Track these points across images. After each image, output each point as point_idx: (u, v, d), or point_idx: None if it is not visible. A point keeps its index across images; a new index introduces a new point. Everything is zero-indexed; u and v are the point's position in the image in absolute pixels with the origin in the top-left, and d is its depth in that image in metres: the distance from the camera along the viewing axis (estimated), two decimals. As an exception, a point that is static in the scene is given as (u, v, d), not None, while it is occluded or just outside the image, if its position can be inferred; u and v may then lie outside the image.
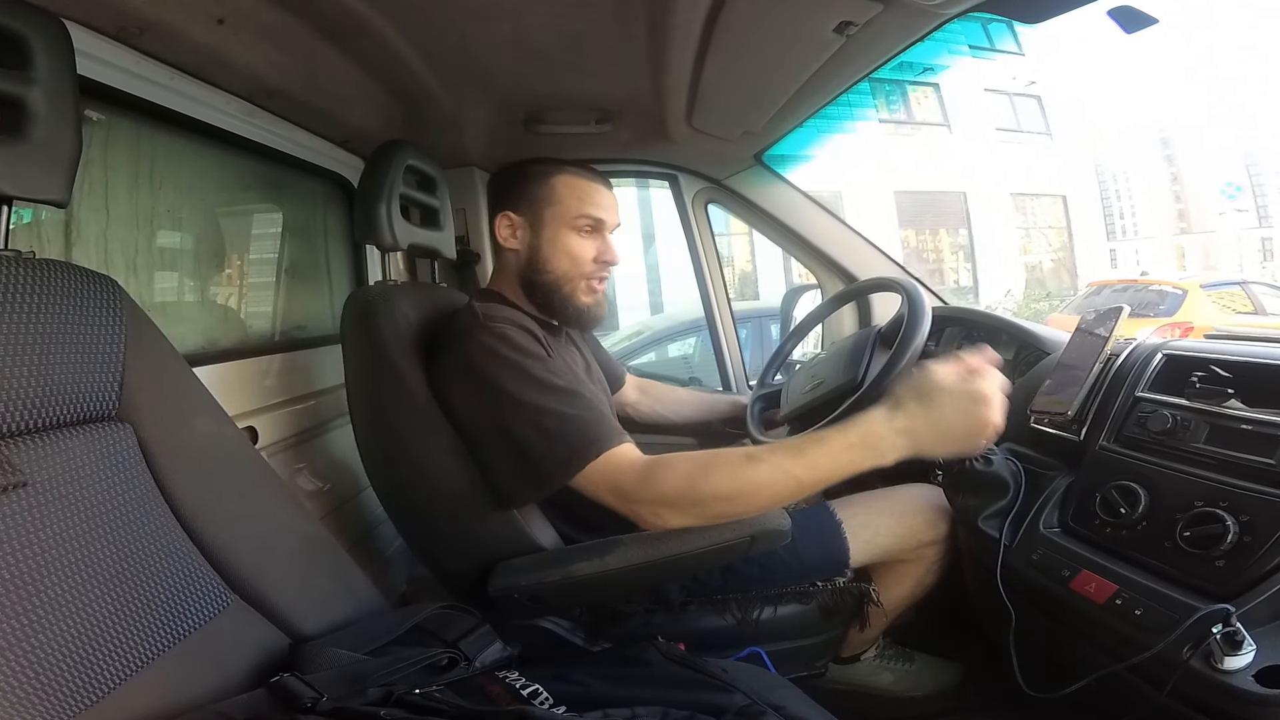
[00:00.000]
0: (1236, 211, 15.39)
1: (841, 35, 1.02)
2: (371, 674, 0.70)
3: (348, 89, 1.32)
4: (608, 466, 0.93)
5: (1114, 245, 15.54)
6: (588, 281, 1.16)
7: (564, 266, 1.14)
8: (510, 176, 1.18)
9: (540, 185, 1.14)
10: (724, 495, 0.91)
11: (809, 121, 1.58)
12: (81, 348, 0.67)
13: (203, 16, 0.96)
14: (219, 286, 1.41)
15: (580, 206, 1.14)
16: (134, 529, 0.67)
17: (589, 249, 1.15)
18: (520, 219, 1.15)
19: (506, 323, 1.02)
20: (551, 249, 1.13)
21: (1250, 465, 0.82)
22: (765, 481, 0.90)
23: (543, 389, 0.97)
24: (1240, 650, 0.69)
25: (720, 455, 0.94)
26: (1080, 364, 1.08)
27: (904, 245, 13.47)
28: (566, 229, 1.13)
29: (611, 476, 0.93)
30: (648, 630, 1.05)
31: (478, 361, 0.99)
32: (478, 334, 1.00)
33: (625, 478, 0.93)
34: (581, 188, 1.15)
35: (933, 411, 0.87)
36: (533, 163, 1.17)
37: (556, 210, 1.13)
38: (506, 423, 0.96)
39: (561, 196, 1.14)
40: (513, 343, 1.00)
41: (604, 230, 1.16)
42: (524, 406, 0.95)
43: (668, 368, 3.76)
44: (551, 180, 1.14)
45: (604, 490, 0.94)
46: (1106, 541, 0.90)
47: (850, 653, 1.29)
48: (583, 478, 0.94)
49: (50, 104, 0.65)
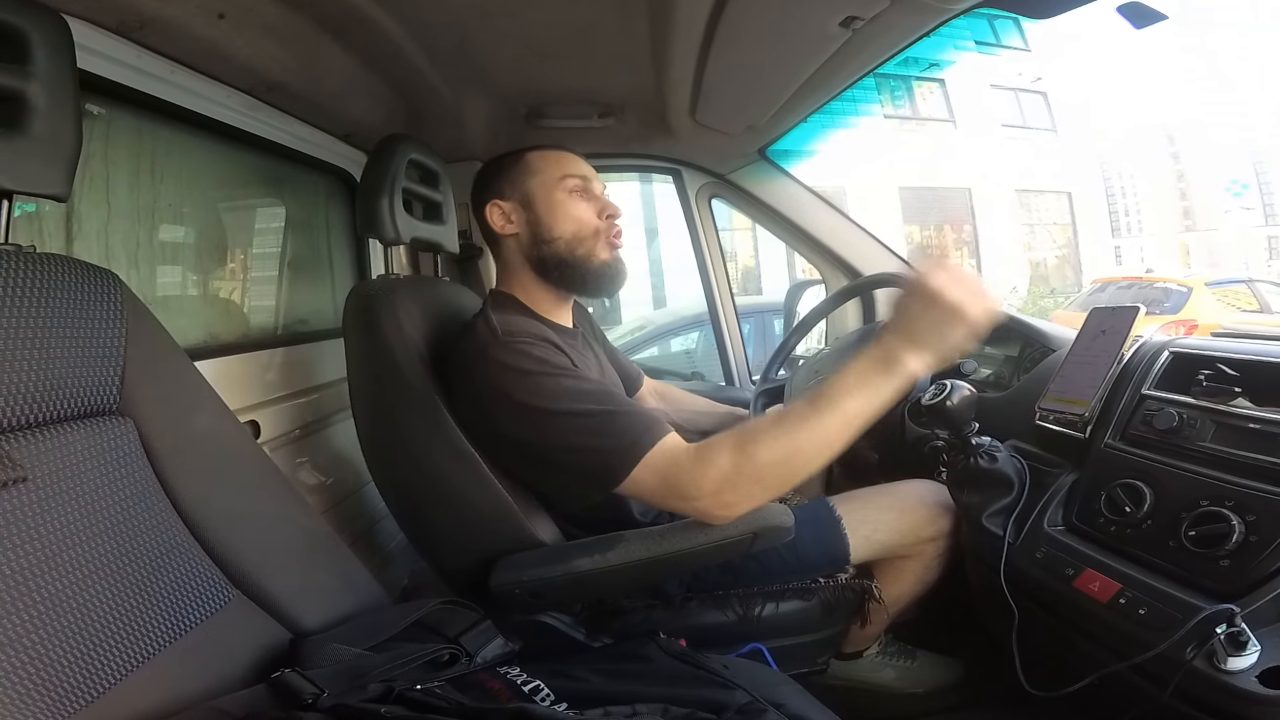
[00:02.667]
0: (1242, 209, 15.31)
1: (847, 30, 1.01)
2: (372, 670, 0.71)
3: (349, 83, 1.31)
4: (659, 461, 0.91)
5: (1119, 242, 15.47)
6: (604, 239, 1.14)
7: (570, 228, 1.12)
8: (486, 172, 1.18)
9: (516, 166, 1.15)
10: (779, 458, 0.88)
11: (813, 116, 1.58)
12: (82, 342, 0.67)
13: (203, 10, 0.95)
14: (221, 281, 1.41)
15: (560, 168, 1.13)
16: (135, 524, 0.67)
17: (588, 209, 1.13)
18: (509, 203, 1.14)
19: (524, 336, 0.99)
20: (552, 215, 1.12)
21: (1257, 464, 0.82)
22: (808, 426, 0.88)
23: (576, 396, 0.94)
24: (1244, 651, 0.68)
25: (756, 422, 0.93)
26: (1092, 362, 1.07)
27: (908, 241, 13.44)
28: (558, 193, 1.12)
29: (664, 471, 0.90)
30: (649, 626, 1.05)
31: (504, 383, 0.95)
32: (497, 353, 0.97)
33: (682, 472, 0.90)
34: (554, 156, 1.15)
35: (911, 318, 0.88)
36: (504, 154, 1.18)
37: (540, 179, 1.13)
38: (548, 438, 0.94)
39: (539, 167, 1.14)
40: (535, 357, 0.97)
41: (593, 189, 1.15)
42: (561, 417, 0.93)
43: (670, 362, 3.75)
44: (525, 157, 1.15)
45: (659, 488, 0.91)
46: (1111, 540, 0.90)
47: (852, 649, 1.29)
48: (634, 478, 0.91)
49: (50, 98, 0.65)
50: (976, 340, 0.89)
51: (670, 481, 0.90)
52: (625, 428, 0.92)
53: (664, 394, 1.59)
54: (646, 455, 0.90)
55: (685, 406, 1.60)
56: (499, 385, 0.95)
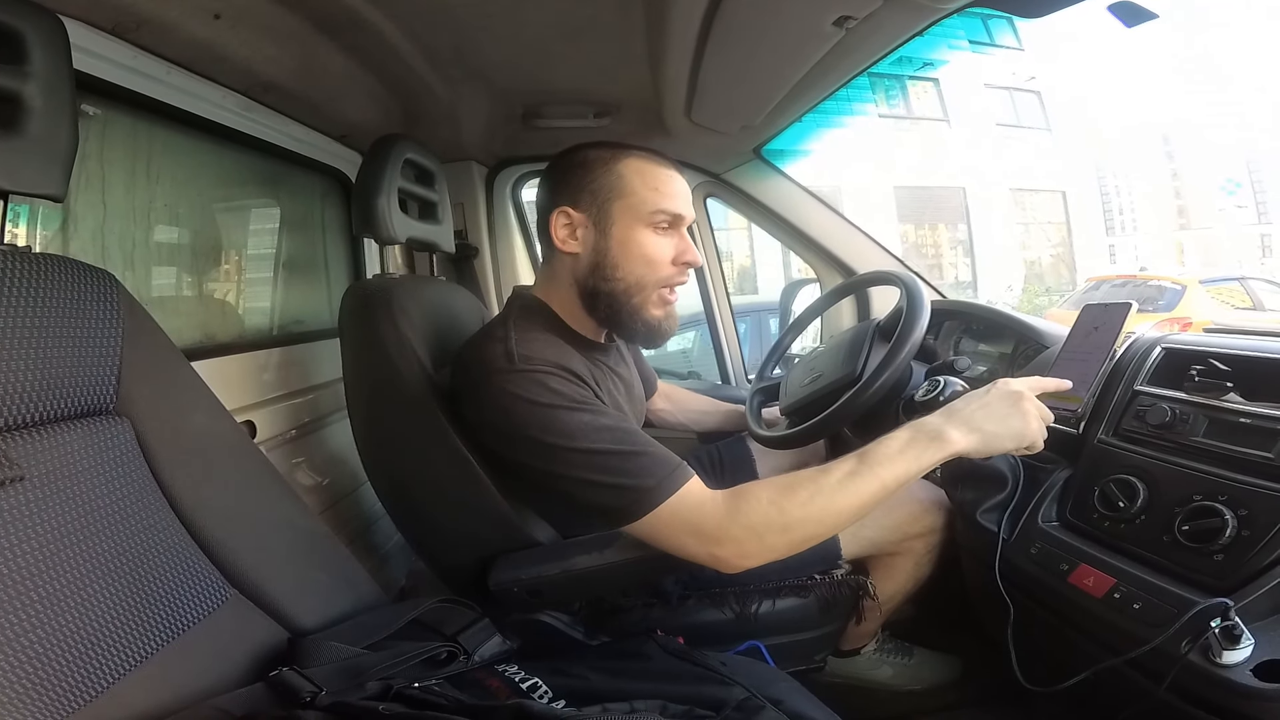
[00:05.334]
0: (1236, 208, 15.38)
1: (841, 29, 1.01)
2: (370, 668, 0.71)
3: (344, 83, 1.31)
4: (683, 506, 0.85)
5: (1113, 241, 15.52)
6: (661, 291, 1.02)
7: (638, 272, 1.00)
8: (567, 165, 1.02)
9: (605, 174, 0.99)
10: (811, 516, 0.84)
11: (808, 116, 1.58)
12: (79, 341, 0.67)
13: (199, 11, 0.95)
14: (216, 281, 1.41)
15: (656, 199, 0.98)
16: (132, 523, 0.67)
17: (667, 249, 1.00)
18: (582, 215, 1.00)
19: (541, 365, 0.91)
20: (623, 251, 0.99)
21: (1249, 459, 0.82)
22: (845, 490, 0.84)
23: (593, 432, 0.88)
24: (1239, 644, 0.69)
25: (797, 475, 0.87)
26: (1085, 358, 1.07)
27: (903, 240, 13.48)
28: (641, 226, 0.99)
29: (688, 517, 0.85)
30: (647, 624, 1.05)
31: (517, 414, 0.89)
32: (510, 381, 0.90)
33: (707, 517, 0.85)
34: (656, 175, 1.00)
35: (976, 402, 0.90)
36: (592, 147, 1.02)
37: (628, 204, 0.98)
38: (561, 472, 0.88)
39: (634, 187, 0.98)
40: (550, 389, 0.89)
41: (681, 226, 1.02)
42: (576, 454, 0.87)
43: (667, 361, 3.75)
44: (618, 167, 0.99)
45: (679, 532, 0.86)
46: (1105, 535, 0.91)
47: (849, 646, 1.29)
48: (650, 521, 0.85)
49: (46, 99, 0.64)
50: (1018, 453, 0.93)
51: (694, 525, 0.85)
52: (646, 468, 0.86)
53: (670, 394, 1.59)
54: (670, 499, 0.85)
55: (690, 407, 1.60)
56: (512, 416, 0.90)
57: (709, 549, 0.85)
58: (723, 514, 0.85)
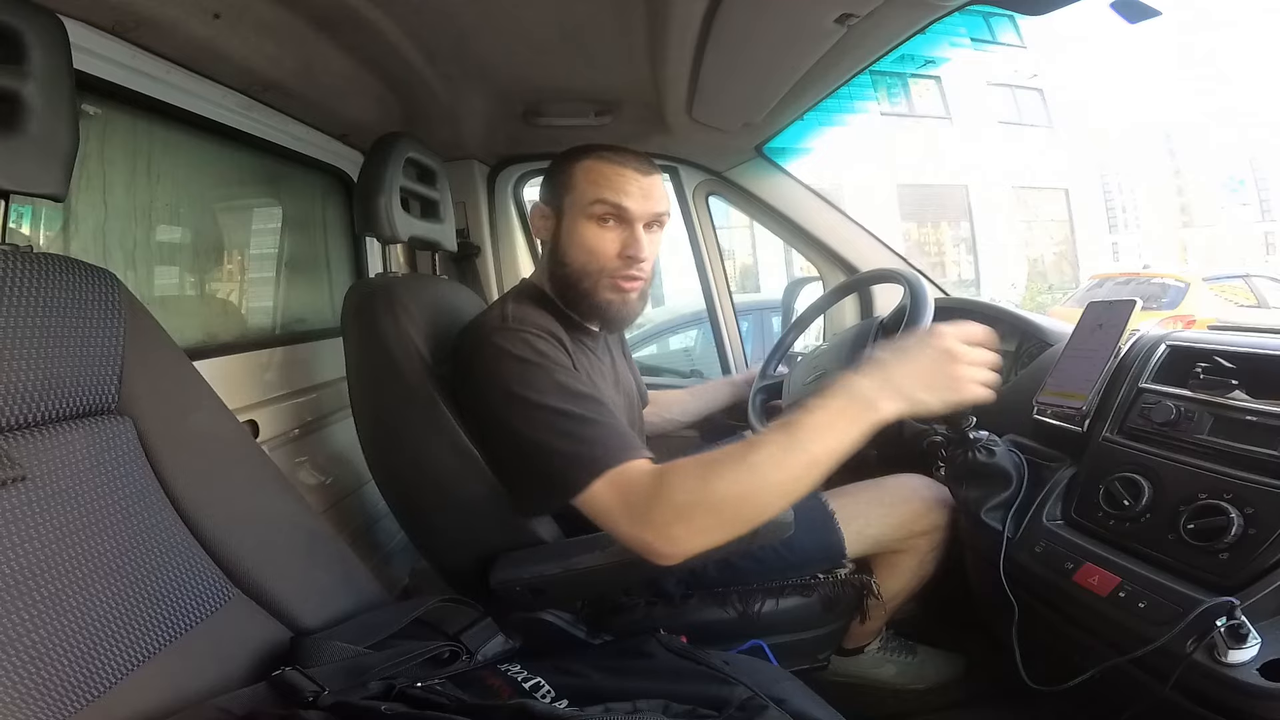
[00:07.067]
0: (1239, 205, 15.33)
1: (842, 26, 1.01)
2: (373, 667, 0.71)
3: (345, 82, 1.31)
4: (622, 480, 0.86)
5: (1116, 238, 15.48)
6: (611, 279, 1.06)
7: (580, 260, 1.06)
8: (551, 165, 1.12)
9: (563, 172, 1.08)
10: (740, 494, 0.81)
11: (810, 114, 1.57)
12: (81, 341, 0.67)
13: (198, 10, 0.95)
14: (218, 280, 1.41)
15: (595, 191, 1.04)
16: (134, 523, 0.67)
17: (609, 242, 1.05)
18: (548, 209, 1.09)
19: (530, 326, 0.98)
20: (569, 241, 1.06)
21: (1254, 457, 0.82)
22: (774, 463, 0.81)
23: (562, 393, 0.91)
24: (1244, 643, 0.68)
25: (723, 450, 0.85)
26: (1089, 356, 1.07)
27: (906, 238, 13.45)
28: (583, 218, 1.05)
29: (624, 491, 0.85)
30: (649, 623, 1.05)
31: (498, 367, 0.94)
32: (499, 336, 0.96)
33: (637, 492, 0.84)
34: (600, 171, 1.05)
35: (906, 364, 0.86)
36: (570, 150, 1.10)
37: (573, 198, 1.06)
38: (523, 428, 0.91)
39: (577, 182, 1.05)
40: (535, 348, 0.95)
41: (629, 219, 1.05)
42: (542, 411, 0.90)
43: (669, 360, 3.75)
44: (573, 166, 1.07)
45: (614, 508, 0.86)
46: (1110, 534, 0.90)
47: (853, 645, 1.29)
48: (595, 491, 0.86)
49: (46, 98, 0.64)
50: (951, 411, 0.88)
51: (626, 502, 0.85)
52: (599, 438, 0.88)
53: (654, 400, 1.58)
54: (611, 470, 0.86)
55: (671, 405, 1.60)
56: (494, 368, 0.94)
57: (637, 531, 0.84)
58: (654, 490, 0.83)
